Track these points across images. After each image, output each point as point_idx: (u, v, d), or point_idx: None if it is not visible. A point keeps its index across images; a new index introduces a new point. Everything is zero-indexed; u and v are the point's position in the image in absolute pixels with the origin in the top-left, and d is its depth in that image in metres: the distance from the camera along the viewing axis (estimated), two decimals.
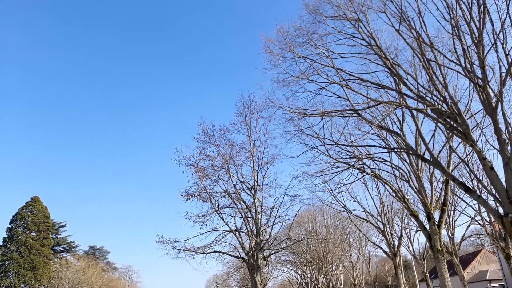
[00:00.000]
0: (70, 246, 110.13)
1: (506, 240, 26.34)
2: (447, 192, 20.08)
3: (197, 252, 24.87)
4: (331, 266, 50.88)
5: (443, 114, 14.05)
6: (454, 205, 31.42)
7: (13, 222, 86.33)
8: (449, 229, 32.26)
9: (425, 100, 14.54)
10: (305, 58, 15.97)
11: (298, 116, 16.52)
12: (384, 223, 32.09)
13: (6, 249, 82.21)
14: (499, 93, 13.06)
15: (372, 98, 15.64)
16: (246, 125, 26.55)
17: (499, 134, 12.91)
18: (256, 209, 25.67)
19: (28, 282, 79.95)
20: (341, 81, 15.81)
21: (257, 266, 25.16)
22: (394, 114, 21.03)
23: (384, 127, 19.08)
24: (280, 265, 58.40)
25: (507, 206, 12.20)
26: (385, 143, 21.98)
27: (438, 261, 18.69)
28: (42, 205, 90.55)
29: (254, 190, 26.05)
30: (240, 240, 27.34)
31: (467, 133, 13.67)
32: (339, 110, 16.24)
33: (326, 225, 49.68)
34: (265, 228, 26.63)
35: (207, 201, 25.53)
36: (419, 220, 21.45)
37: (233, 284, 71.04)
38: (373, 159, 21.97)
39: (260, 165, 26.37)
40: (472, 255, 61.90)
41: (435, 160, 16.76)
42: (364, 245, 51.99)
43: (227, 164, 26.03)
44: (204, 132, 26.08)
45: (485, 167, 13.30)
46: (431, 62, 14.80)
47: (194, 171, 25.42)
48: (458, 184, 15.83)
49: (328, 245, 46.97)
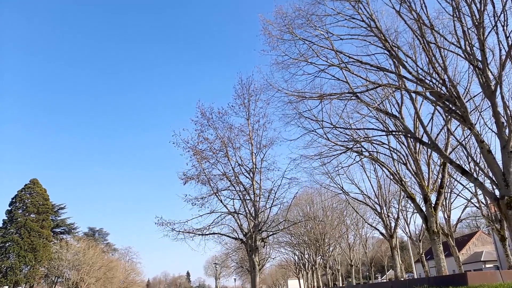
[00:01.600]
0: (69, 228, 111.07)
1: (501, 222, 26.70)
2: (444, 175, 20.22)
3: (196, 233, 25.11)
4: (328, 247, 51.57)
5: (442, 97, 14.03)
6: (450, 188, 31.68)
7: (12, 205, 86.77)
8: (445, 211, 32.62)
9: (424, 83, 14.49)
10: (304, 40, 15.82)
11: (296, 99, 16.48)
12: (381, 205, 32.37)
13: (6, 231, 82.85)
14: (498, 76, 13.02)
15: (371, 81, 15.58)
16: (244, 108, 26.48)
17: (497, 117, 12.93)
18: (254, 192, 25.84)
19: (28, 263, 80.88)
20: (340, 64, 15.70)
21: (255, 247, 25.48)
22: (393, 97, 20.99)
23: (383, 110, 19.07)
24: (278, 246, 59.19)
25: (503, 189, 12.32)
26: (384, 126, 22.00)
27: (434, 242, 18.94)
28: (41, 188, 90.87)
29: (253, 173, 26.17)
30: (238, 222, 27.59)
31: (465, 116, 13.68)
32: (338, 93, 16.21)
33: (323, 207, 50.13)
34: (263, 210, 26.86)
35: (206, 184, 25.66)
36: (416, 202, 21.65)
37: (231, 265, 72.10)
38: (371, 142, 22.03)
39: (259, 148, 26.41)
40: (468, 237, 62.73)
41: (433, 143, 16.82)
42: (361, 226, 52.58)
43: (225, 147, 26.06)
44: (203, 115, 26.01)
45: (483, 150, 13.37)
46: (431, 45, 14.68)
47: (193, 154, 25.47)
48: (455, 167, 15.94)
49: (325, 226, 47.51)
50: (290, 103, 17.47)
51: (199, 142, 25.81)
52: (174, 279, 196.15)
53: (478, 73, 13.39)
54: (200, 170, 25.48)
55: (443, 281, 12.59)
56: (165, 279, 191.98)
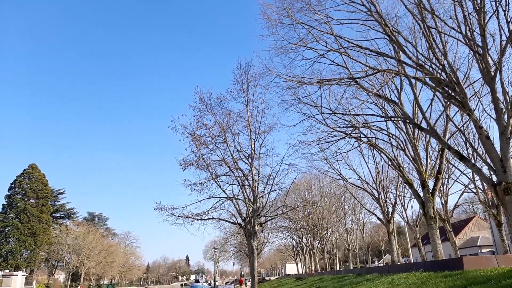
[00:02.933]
0: (69, 213, 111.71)
1: (498, 207, 26.91)
2: (442, 161, 20.28)
3: (195, 218, 25.28)
4: (326, 232, 52.05)
5: (442, 83, 13.97)
6: (448, 173, 31.82)
7: (11, 190, 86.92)
8: (442, 196, 32.82)
9: (424, 69, 14.40)
10: (304, 24, 15.64)
11: (296, 84, 16.38)
12: (379, 191, 32.56)
13: (6, 216, 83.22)
14: (498, 61, 12.95)
15: (371, 66, 15.47)
16: (243, 93, 26.34)
17: (497, 103, 12.90)
18: (253, 177, 25.93)
19: (28, 247, 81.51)
20: (339, 49, 15.57)
21: (254, 232, 25.71)
22: (392, 83, 20.90)
23: (382, 95, 19.01)
24: (276, 231, 59.76)
25: (501, 175, 12.38)
26: (383, 112, 21.96)
27: (430, 227, 19.13)
28: (40, 173, 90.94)
29: (251, 158, 26.21)
30: (237, 207, 27.76)
31: (464, 102, 13.65)
32: (337, 78, 16.10)
33: (321, 192, 50.43)
34: (261, 195, 27.00)
35: (205, 169, 25.72)
36: (413, 188, 21.77)
37: (230, 249, 72.86)
38: (370, 127, 22.03)
39: (257, 134, 26.39)
40: (464, 222, 63.33)
41: (432, 129, 16.82)
42: (358, 212, 52.96)
43: (224, 133, 26.03)
44: (201, 100, 25.89)
45: (481, 136, 13.39)
46: (432, 30, 14.55)
47: (191, 140, 25.45)
48: (453, 153, 15.98)
49: (323, 212, 47.88)
50: (289, 88, 17.39)
51: (198, 128, 25.78)
52: (173, 263, 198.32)
53: (478, 58, 13.31)
54: (199, 155, 25.51)
55: (439, 265, 12.75)
56: (165, 263, 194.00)
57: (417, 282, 11.32)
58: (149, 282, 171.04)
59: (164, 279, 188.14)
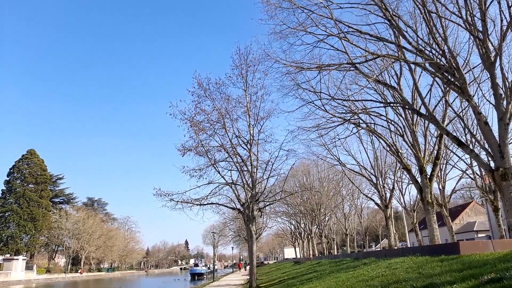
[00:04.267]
0: (68, 198, 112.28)
1: (495, 193, 27.10)
2: (440, 146, 20.33)
3: (194, 203, 25.44)
4: (324, 217, 52.49)
5: (441, 68, 13.91)
6: (446, 159, 31.95)
7: (10, 175, 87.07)
8: (440, 182, 33.01)
9: (423, 54, 14.32)
10: (303, 8, 15.43)
11: (295, 69, 16.27)
12: (377, 176, 32.70)
13: (5, 201, 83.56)
14: (499, 47, 12.88)
15: (371, 51, 15.35)
16: (242, 78, 26.20)
17: (496, 89, 12.88)
18: (251, 163, 25.99)
19: (28, 232, 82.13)
20: (339, 33, 15.42)
21: (253, 217, 25.91)
22: (392, 68, 20.78)
23: (382, 81, 18.93)
24: (274, 216, 60.18)
25: (498, 160, 12.44)
26: (382, 98, 21.91)
27: (428, 212, 19.29)
28: (38, 158, 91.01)
29: (250, 144, 26.22)
30: (236, 193, 27.92)
31: (464, 88, 13.62)
32: (336, 63, 15.99)
33: (320, 178, 50.64)
34: (260, 181, 27.12)
35: (204, 155, 25.76)
36: (411, 173, 21.87)
37: (229, 234, 73.54)
38: (369, 113, 22.00)
39: (256, 120, 26.35)
40: (461, 207, 63.85)
41: (431, 115, 16.81)
42: (356, 197, 53.27)
43: (223, 119, 25.98)
44: (200, 85, 25.76)
45: (480, 121, 13.40)
46: (432, 14, 14.41)
47: (190, 126, 25.41)
48: (451, 139, 16.02)
49: (321, 197, 48.17)
50: (289, 74, 17.29)
51: (196, 114, 25.71)
52: (173, 247, 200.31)
53: (478, 43, 13.23)
54: (198, 141, 25.52)
55: (435, 250, 12.90)
56: (164, 247, 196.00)
57: (413, 266, 11.47)
58: (148, 266, 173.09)
59: (164, 263, 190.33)
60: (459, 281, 7.70)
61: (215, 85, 25.91)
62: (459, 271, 8.67)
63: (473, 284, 7.14)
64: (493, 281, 6.85)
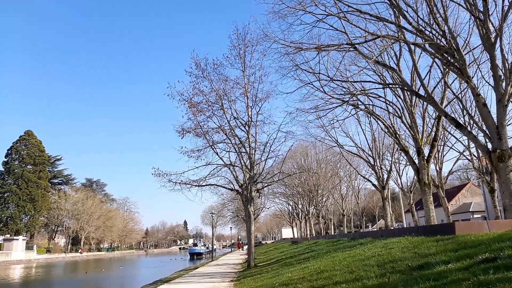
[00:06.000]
0: (67, 179, 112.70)
1: (491, 174, 27.31)
2: (439, 128, 20.36)
3: (193, 184, 25.59)
4: (321, 198, 52.94)
5: (441, 49, 13.78)
6: (444, 141, 32.06)
7: (8, 156, 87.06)
8: (437, 163, 33.22)
9: (424, 34, 14.16)
10: None
11: (293, 50, 16.09)
12: (375, 158, 32.85)
13: (4, 182, 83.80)
14: (499, 27, 12.74)
15: (370, 32, 15.17)
16: (240, 59, 25.97)
17: (495, 71, 12.81)
18: (250, 145, 26.03)
19: (28, 213, 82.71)
20: (339, 13, 15.20)
21: (251, 198, 26.11)
22: (391, 49, 20.60)
23: (381, 62, 18.77)
24: (272, 197, 60.70)
25: (496, 142, 12.48)
26: (381, 79, 21.79)
27: (424, 193, 19.46)
28: (36, 139, 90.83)
29: (248, 126, 26.20)
30: (234, 174, 28.05)
31: (463, 69, 13.53)
32: (336, 44, 15.81)
33: (318, 159, 50.86)
34: (258, 162, 27.24)
35: (202, 137, 25.78)
36: (409, 155, 21.95)
37: (227, 214, 74.15)
38: (367, 95, 21.93)
39: (254, 101, 26.26)
40: (458, 188, 64.47)
41: (429, 96, 16.75)
42: (354, 178, 53.62)
43: (221, 100, 25.87)
44: (197, 66, 25.55)
45: (478, 103, 13.37)
46: None
47: (188, 107, 25.33)
48: (450, 120, 16.01)
49: (319, 178, 48.48)
50: (287, 54, 17.10)
51: (194, 95, 25.60)
52: (172, 227, 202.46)
53: (479, 24, 13.07)
54: (196, 123, 25.48)
55: (431, 230, 13.07)
56: (163, 228, 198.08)
57: (409, 246, 11.63)
58: (148, 246, 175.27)
59: (163, 243, 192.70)
60: (454, 260, 7.82)
61: (213, 66, 25.73)
62: (454, 251, 8.80)
63: (467, 263, 7.26)
64: (488, 261, 6.96)
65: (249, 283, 16.04)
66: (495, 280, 5.70)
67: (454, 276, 6.68)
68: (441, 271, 7.33)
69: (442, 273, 7.18)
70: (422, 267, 8.17)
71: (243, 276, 20.25)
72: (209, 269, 29.71)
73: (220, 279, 20.31)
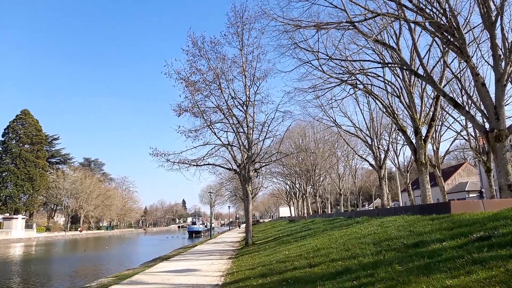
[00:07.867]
0: (65, 158, 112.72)
1: (488, 154, 27.48)
2: (437, 108, 20.34)
3: (191, 164, 25.66)
4: (318, 178, 53.30)
5: (441, 28, 13.62)
6: (441, 121, 32.10)
7: (5, 135, 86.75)
8: (434, 143, 33.35)
9: (424, 13, 13.96)
10: None
11: (292, 28, 15.85)
12: (372, 138, 32.91)
13: (2, 161, 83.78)
14: (500, 6, 12.57)
15: (370, 10, 14.93)
16: (238, 37, 25.64)
17: (495, 50, 12.70)
18: (248, 125, 25.99)
19: (26, 192, 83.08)
20: None
21: (249, 177, 26.25)
22: (391, 28, 20.35)
23: (380, 41, 18.56)
24: (270, 176, 61.02)
25: (493, 122, 12.49)
26: (380, 58, 21.61)
27: (421, 173, 19.60)
28: (33, 118, 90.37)
29: (246, 106, 26.10)
30: (232, 154, 28.11)
31: (463, 48, 13.42)
32: (335, 22, 15.58)
33: (315, 139, 50.95)
34: (256, 142, 27.25)
35: (199, 116, 25.69)
36: (406, 135, 22.00)
37: (225, 193, 74.78)
38: (366, 74, 21.78)
39: (252, 81, 26.07)
40: (454, 168, 64.94)
41: (428, 76, 16.66)
42: (351, 158, 53.91)
43: (218, 79, 25.66)
44: (194, 44, 25.23)
45: (477, 83, 13.31)
46: None
47: (185, 86, 25.15)
48: (448, 100, 15.98)
49: (316, 158, 48.66)
50: (286, 32, 16.86)
51: (192, 73, 25.37)
52: (170, 206, 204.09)
53: (480, 2, 12.88)
54: (193, 102, 25.35)
55: (427, 209, 13.22)
56: (162, 206, 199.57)
57: (404, 224, 11.80)
58: (147, 225, 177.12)
59: (162, 222, 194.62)
60: (448, 239, 7.95)
61: (210, 44, 25.42)
62: (449, 229, 8.93)
63: (462, 242, 7.38)
64: (482, 239, 7.07)
65: (247, 260, 16.31)
66: (489, 258, 5.81)
67: (449, 254, 6.80)
68: (435, 249, 7.46)
69: (436, 251, 7.30)
70: (417, 245, 8.31)
71: (241, 254, 20.57)
72: (207, 247, 30.13)
73: (218, 256, 20.64)
